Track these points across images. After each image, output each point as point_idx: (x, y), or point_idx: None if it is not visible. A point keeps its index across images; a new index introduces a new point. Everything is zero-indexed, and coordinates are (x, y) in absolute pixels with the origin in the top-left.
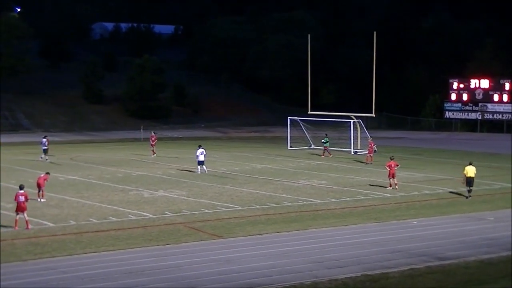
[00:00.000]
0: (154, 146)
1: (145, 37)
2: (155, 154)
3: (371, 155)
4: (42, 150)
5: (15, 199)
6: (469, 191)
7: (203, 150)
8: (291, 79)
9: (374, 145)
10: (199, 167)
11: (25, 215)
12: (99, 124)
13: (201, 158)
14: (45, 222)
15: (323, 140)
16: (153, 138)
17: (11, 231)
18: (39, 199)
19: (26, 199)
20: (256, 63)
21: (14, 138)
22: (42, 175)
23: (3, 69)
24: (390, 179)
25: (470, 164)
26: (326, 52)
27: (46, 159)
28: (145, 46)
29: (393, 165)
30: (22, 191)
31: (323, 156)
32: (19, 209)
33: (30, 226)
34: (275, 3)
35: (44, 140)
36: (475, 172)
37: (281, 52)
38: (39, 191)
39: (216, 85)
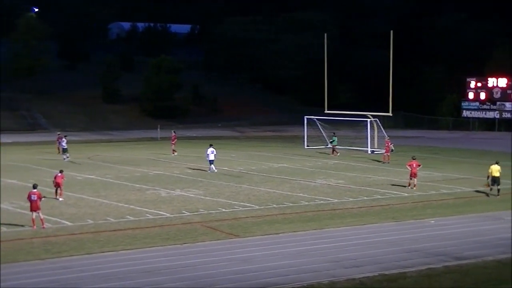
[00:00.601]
0: (174, 145)
1: (161, 37)
2: (175, 153)
3: (388, 154)
4: (62, 150)
5: (27, 198)
6: (498, 190)
7: (213, 149)
8: (307, 78)
9: (391, 144)
10: (212, 166)
11: (40, 214)
12: (116, 123)
13: (211, 157)
14: (63, 221)
15: (330, 140)
16: (173, 137)
17: (29, 230)
18: (58, 198)
19: (39, 198)
20: (272, 63)
21: (32, 137)
22: (59, 174)
23: (22, 69)
24: (410, 178)
25: (496, 163)
26: (342, 52)
27: (64, 158)
28: (162, 46)
29: (414, 165)
30: (35, 190)
31: (332, 155)
32: (33, 208)
33: (45, 225)
34: (291, 3)
35: (64, 139)
36: (500, 171)
37: (297, 52)
38: (56, 190)
39: (233, 85)
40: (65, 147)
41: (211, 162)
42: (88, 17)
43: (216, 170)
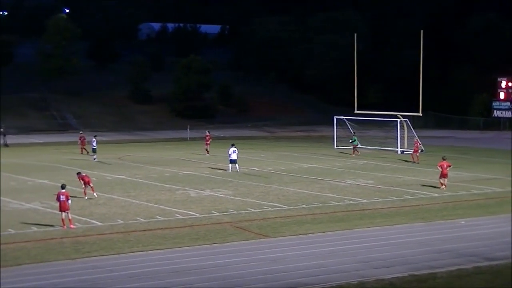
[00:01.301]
0: (208, 145)
1: (191, 37)
2: (208, 153)
3: (417, 154)
4: (91, 150)
5: (56, 199)
6: None
7: (235, 149)
8: (337, 78)
9: (420, 145)
10: (230, 165)
11: (69, 214)
12: (146, 124)
13: (234, 156)
14: (93, 221)
15: (350, 140)
16: (207, 137)
17: (59, 230)
18: (85, 197)
19: (67, 198)
20: (302, 63)
21: (62, 138)
22: (83, 174)
23: (52, 70)
24: (441, 179)
25: None
26: (372, 52)
27: (94, 159)
28: (191, 46)
29: (445, 165)
30: (63, 191)
31: (353, 155)
32: (62, 208)
33: (73, 225)
34: (320, 2)
35: (94, 139)
36: None
37: (327, 51)
38: (85, 188)
39: (262, 85)
40: (95, 147)
41: (232, 161)
42: (118, 18)
43: (238, 170)
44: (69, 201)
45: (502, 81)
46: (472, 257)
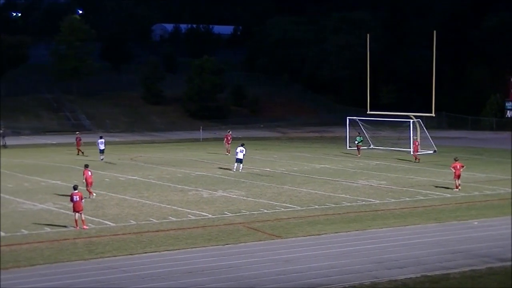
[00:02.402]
0: (229, 145)
1: (204, 38)
2: (229, 153)
3: (417, 153)
4: (99, 151)
5: (70, 200)
6: None
7: (243, 148)
8: (351, 79)
9: (418, 145)
10: (235, 164)
11: (82, 215)
12: (159, 124)
13: (240, 156)
14: (106, 222)
15: (356, 141)
16: (229, 137)
17: (73, 230)
18: (89, 197)
19: (81, 199)
20: (315, 64)
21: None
22: (90, 174)
23: (66, 71)
24: (455, 180)
25: None
26: (386, 52)
27: (102, 159)
28: (205, 47)
29: (458, 167)
30: (76, 191)
31: (359, 155)
32: (76, 209)
33: (86, 226)
34: (334, 3)
35: (101, 140)
36: None
37: (341, 52)
38: (88, 187)
39: (276, 86)
40: (102, 148)
41: (238, 160)
42: (131, 18)
43: (241, 170)
44: (83, 201)
45: None
46: (485, 257)
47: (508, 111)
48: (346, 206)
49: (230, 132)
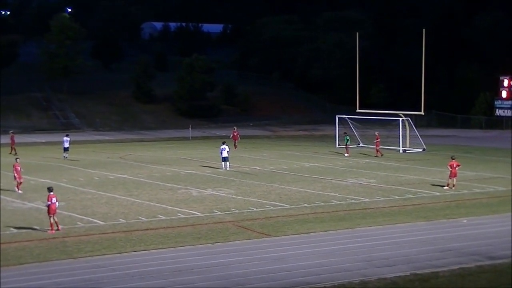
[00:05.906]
0: (237, 141)
1: (194, 37)
2: (236, 148)
3: (378, 148)
4: (63, 149)
5: (48, 201)
6: None
7: (226, 146)
8: (342, 78)
9: (378, 140)
10: (223, 163)
11: (54, 217)
12: (150, 123)
13: (225, 154)
14: (95, 220)
15: (344, 141)
16: (235, 134)
17: (61, 229)
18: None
19: (56, 201)
20: (307, 62)
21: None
22: (19, 167)
23: (56, 69)
24: (450, 179)
25: None
26: (378, 51)
27: (65, 157)
28: (195, 45)
29: (454, 165)
30: (52, 193)
31: (347, 155)
32: (52, 211)
33: (60, 227)
34: (326, 2)
35: (66, 138)
36: None
37: (332, 51)
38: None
39: (265, 84)
40: (67, 146)
41: (224, 159)
42: (121, 17)
43: (228, 168)
44: (57, 204)
45: (505, 80)
46: (475, 256)
47: (498, 110)
48: (335, 204)
49: (236, 128)
